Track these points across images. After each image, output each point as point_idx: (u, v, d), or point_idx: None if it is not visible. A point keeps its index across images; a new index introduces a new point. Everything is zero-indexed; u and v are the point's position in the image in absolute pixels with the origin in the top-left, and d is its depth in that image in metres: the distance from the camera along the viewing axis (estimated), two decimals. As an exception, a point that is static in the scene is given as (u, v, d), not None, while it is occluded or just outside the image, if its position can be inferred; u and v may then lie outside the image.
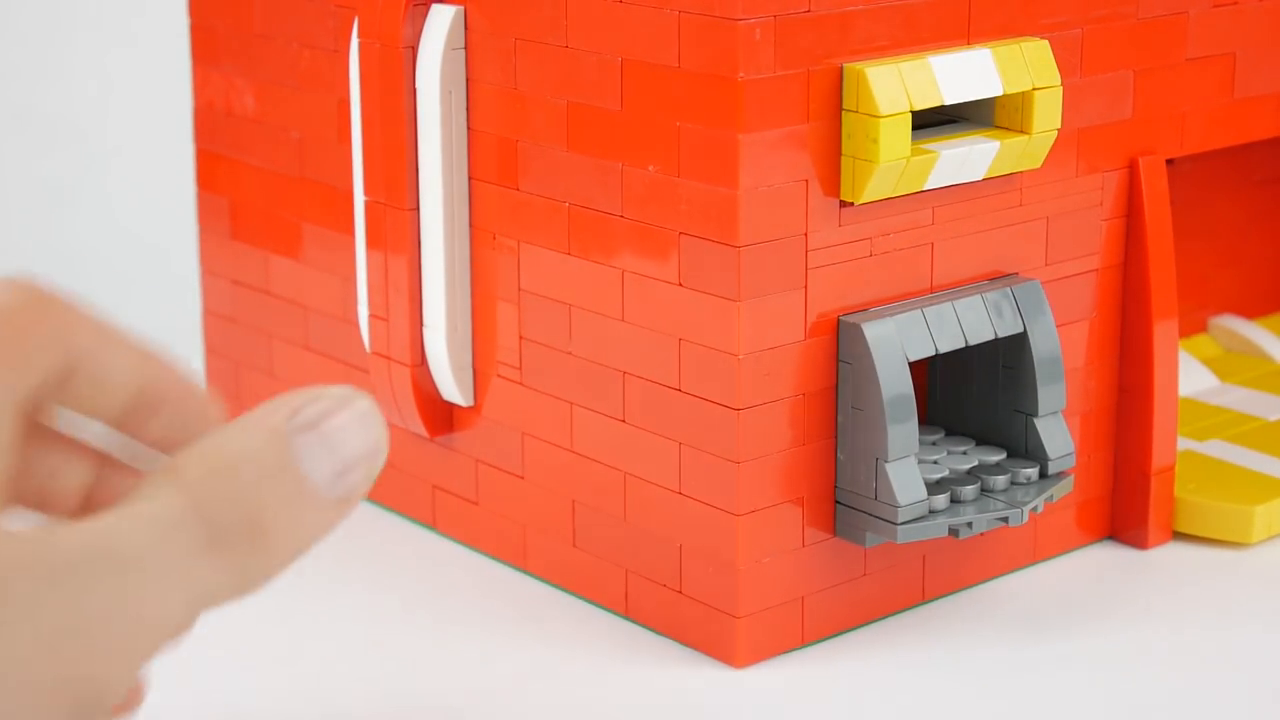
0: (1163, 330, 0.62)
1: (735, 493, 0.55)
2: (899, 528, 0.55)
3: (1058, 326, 0.60)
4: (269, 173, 0.68)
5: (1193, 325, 0.76)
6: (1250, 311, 0.78)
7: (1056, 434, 0.59)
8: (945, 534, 0.56)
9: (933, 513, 0.56)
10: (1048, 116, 0.57)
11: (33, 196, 1.16)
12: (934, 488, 0.57)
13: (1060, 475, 0.59)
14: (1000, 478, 0.58)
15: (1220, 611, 0.60)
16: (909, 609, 0.60)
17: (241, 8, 0.69)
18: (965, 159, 0.56)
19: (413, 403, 0.62)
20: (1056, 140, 0.59)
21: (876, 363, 0.55)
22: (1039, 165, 0.58)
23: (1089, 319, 0.62)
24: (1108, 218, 0.61)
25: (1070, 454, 0.59)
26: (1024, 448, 0.59)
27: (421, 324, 0.62)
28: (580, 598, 0.61)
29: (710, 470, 0.55)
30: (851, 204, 0.55)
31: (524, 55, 0.58)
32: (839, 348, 0.56)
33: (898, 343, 0.55)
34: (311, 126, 0.66)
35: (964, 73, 0.55)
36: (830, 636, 0.58)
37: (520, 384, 0.60)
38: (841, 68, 0.54)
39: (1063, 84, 0.58)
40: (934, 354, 0.56)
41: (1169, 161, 0.64)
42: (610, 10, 0.55)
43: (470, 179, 0.60)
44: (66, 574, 0.35)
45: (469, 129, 0.60)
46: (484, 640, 0.58)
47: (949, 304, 0.57)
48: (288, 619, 0.59)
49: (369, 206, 0.61)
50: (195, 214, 0.73)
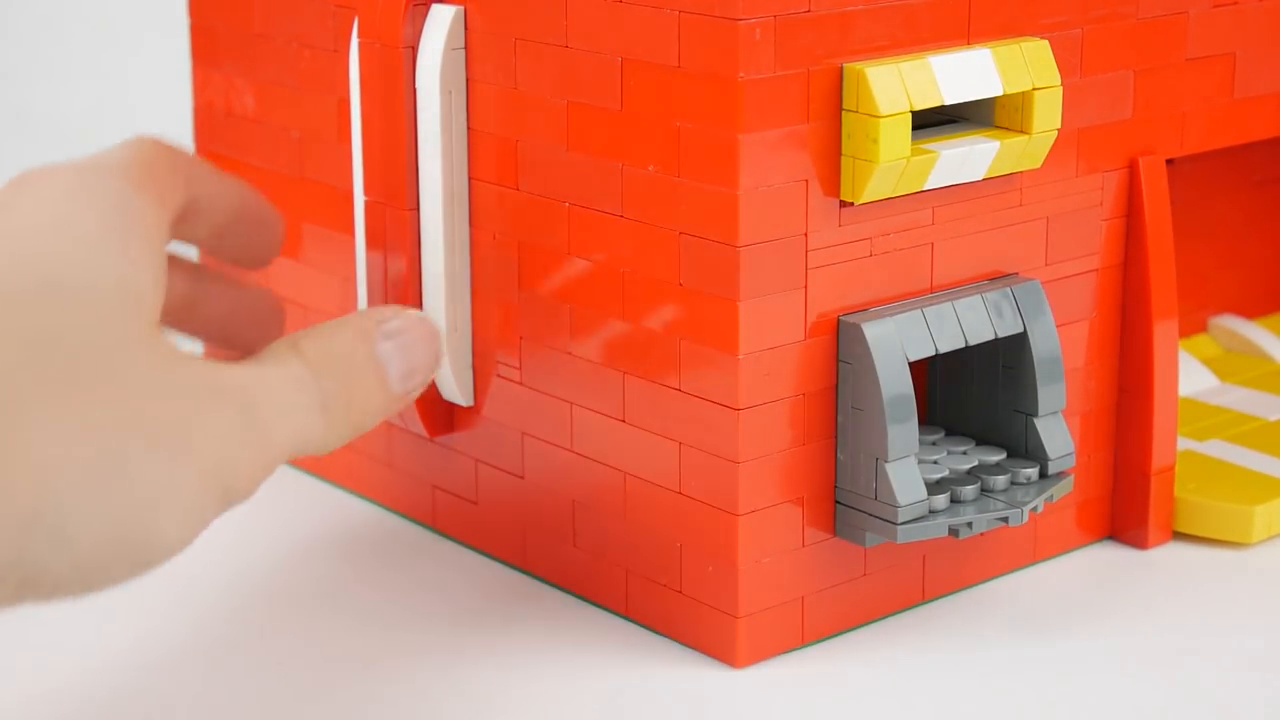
0: (1163, 330, 0.62)
1: (735, 493, 0.55)
2: (899, 528, 0.55)
3: (1058, 326, 0.60)
4: (269, 173, 0.68)
5: (1193, 325, 0.76)
6: (1250, 311, 0.78)
7: (1056, 434, 0.59)
8: (945, 534, 0.56)
9: (933, 513, 0.56)
10: (1048, 116, 0.57)
11: (33, 196, 1.15)
12: (934, 488, 0.57)
13: (1060, 475, 0.59)
14: (1000, 478, 0.58)
15: (1220, 611, 0.60)
16: (909, 609, 0.60)
17: (241, 8, 0.69)
18: (965, 159, 0.56)
19: (413, 403, 0.62)
20: (1056, 140, 0.59)
21: (876, 363, 0.55)
22: (1039, 165, 0.58)
23: (1089, 319, 0.62)
24: (1108, 218, 0.61)
25: (1070, 454, 0.59)
26: (1024, 448, 0.59)
27: None
28: (580, 598, 0.61)
29: (710, 470, 0.55)
30: (851, 204, 0.55)
31: (524, 55, 0.58)
32: (839, 348, 0.56)
33: (898, 343, 0.55)
34: (311, 126, 0.66)
35: (964, 73, 0.55)
36: (830, 636, 0.58)
37: (520, 384, 0.60)
38: (841, 68, 0.54)
39: (1063, 84, 0.58)
40: (934, 354, 0.56)
41: (1169, 161, 0.64)
42: (610, 10, 0.55)
43: (470, 179, 0.60)
44: (223, 398, 0.45)
45: (469, 129, 0.60)
46: (484, 640, 0.58)
47: (949, 304, 0.57)
48: (287, 619, 0.59)
49: (369, 206, 0.61)
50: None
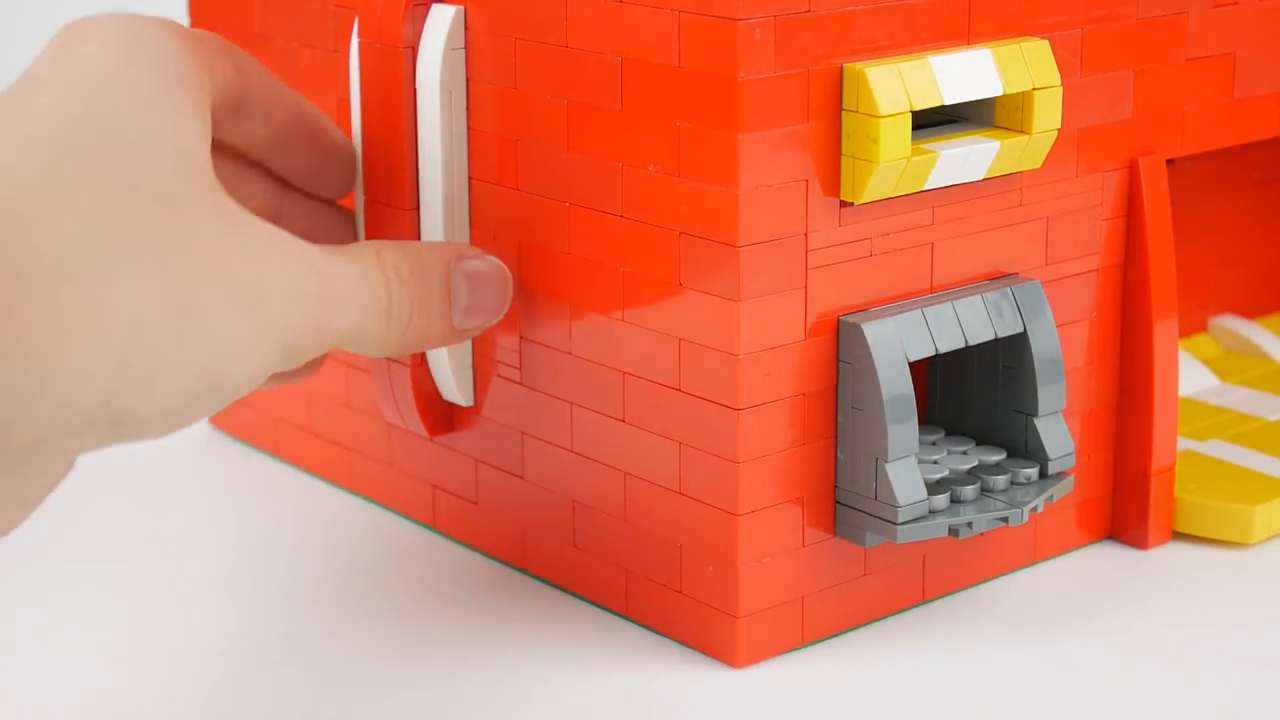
0: (1163, 330, 0.62)
1: (735, 493, 0.55)
2: (899, 528, 0.55)
3: (1058, 326, 0.60)
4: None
5: (1193, 325, 0.76)
6: (1250, 311, 0.78)
7: (1056, 434, 0.59)
8: (945, 534, 0.56)
9: (933, 513, 0.56)
10: (1048, 116, 0.57)
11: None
12: (934, 488, 0.57)
13: (1060, 475, 0.59)
14: (1000, 478, 0.58)
15: (1220, 611, 0.60)
16: (909, 609, 0.60)
17: (241, 8, 0.69)
18: (965, 159, 0.56)
19: (413, 403, 0.62)
20: (1056, 140, 0.59)
21: (876, 363, 0.55)
22: (1039, 165, 0.58)
23: (1089, 319, 0.62)
24: (1108, 218, 0.62)
25: (1070, 454, 0.59)
26: (1024, 448, 0.59)
27: None
28: (580, 598, 0.61)
29: (710, 470, 0.55)
30: (851, 204, 0.55)
31: (524, 55, 0.58)
32: (839, 348, 0.56)
33: (898, 343, 0.55)
34: (311, 126, 0.66)
35: (964, 73, 0.55)
36: (830, 636, 0.58)
37: (520, 384, 0.60)
38: (841, 68, 0.54)
39: (1063, 84, 0.58)
40: (934, 354, 0.56)
41: (1169, 161, 0.64)
42: (610, 10, 0.55)
43: (470, 179, 0.60)
44: (299, 266, 0.49)
45: (469, 129, 0.60)
46: (484, 640, 0.58)
47: (949, 304, 0.57)
48: (287, 618, 0.59)
49: (368, 206, 0.61)
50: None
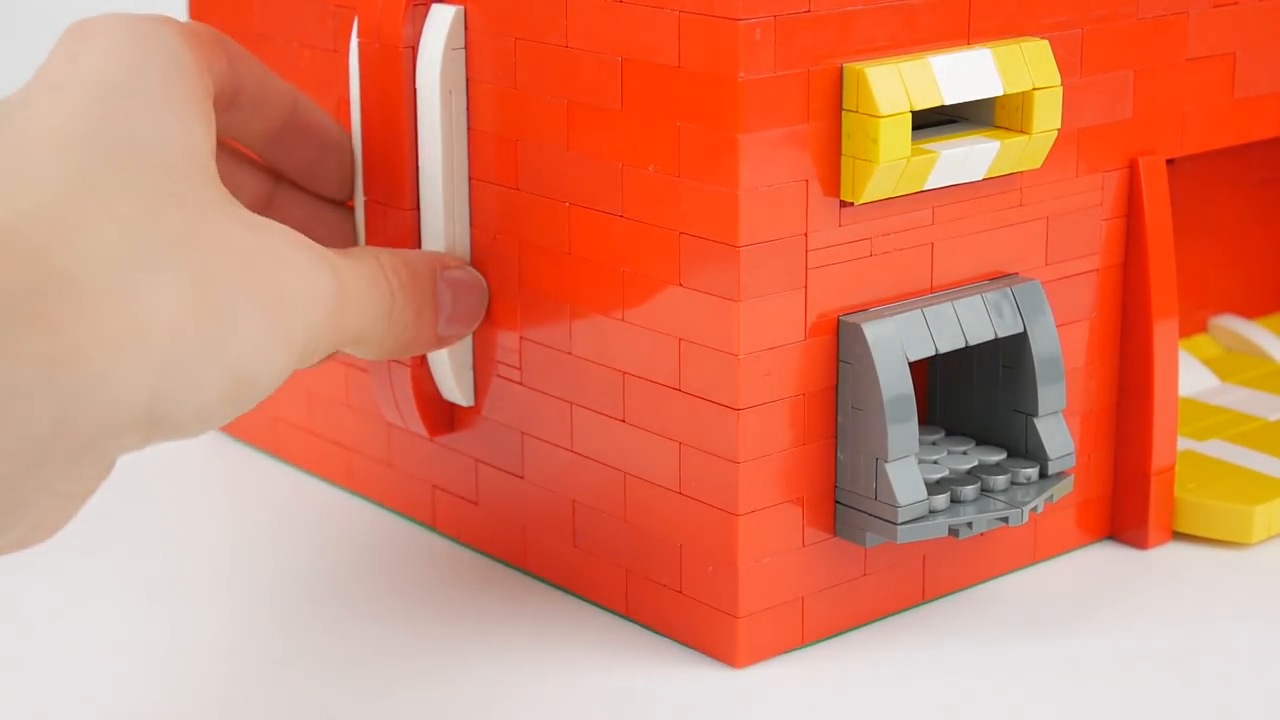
0: (1163, 330, 0.62)
1: (735, 493, 0.55)
2: (899, 528, 0.55)
3: (1058, 326, 0.60)
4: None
5: (1193, 325, 0.76)
6: (1250, 311, 0.78)
7: (1056, 434, 0.59)
8: (945, 534, 0.56)
9: (933, 513, 0.56)
10: (1048, 116, 0.57)
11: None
12: (934, 488, 0.57)
13: (1060, 475, 0.59)
14: (1000, 478, 0.58)
15: (1220, 611, 0.60)
16: (909, 609, 0.60)
17: (241, 8, 0.69)
18: (965, 159, 0.56)
19: (413, 403, 0.62)
20: (1056, 140, 0.59)
21: (876, 363, 0.55)
22: (1039, 165, 0.58)
23: (1089, 319, 0.62)
24: (1108, 218, 0.61)
25: (1070, 454, 0.59)
26: (1024, 448, 0.59)
27: None
28: (580, 598, 0.61)
29: (710, 470, 0.55)
30: (851, 204, 0.55)
31: (524, 55, 0.58)
32: (839, 348, 0.56)
33: (898, 343, 0.55)
34: (312, 126, 0.66)
35: (964, 73, 0.55)
36: (830, 636, 0.58)
37: (520, 384, 0.60)
38: (841, 68, 0.54)
39: (1063, 84, 0.58)
40: (934, 354, 0.56)
41: (1169, 161, 0.64)
42: (610, 10, 0.55)
43: (470, 179, 0.60)
44: (320, 268, 0.51)
45: (469, 129, 0.60)
46: (484, 640, 0.58)
47: (949, 304, 0.57)
48: (287, 618, 0.59)
49: (368, 206, 0.61)
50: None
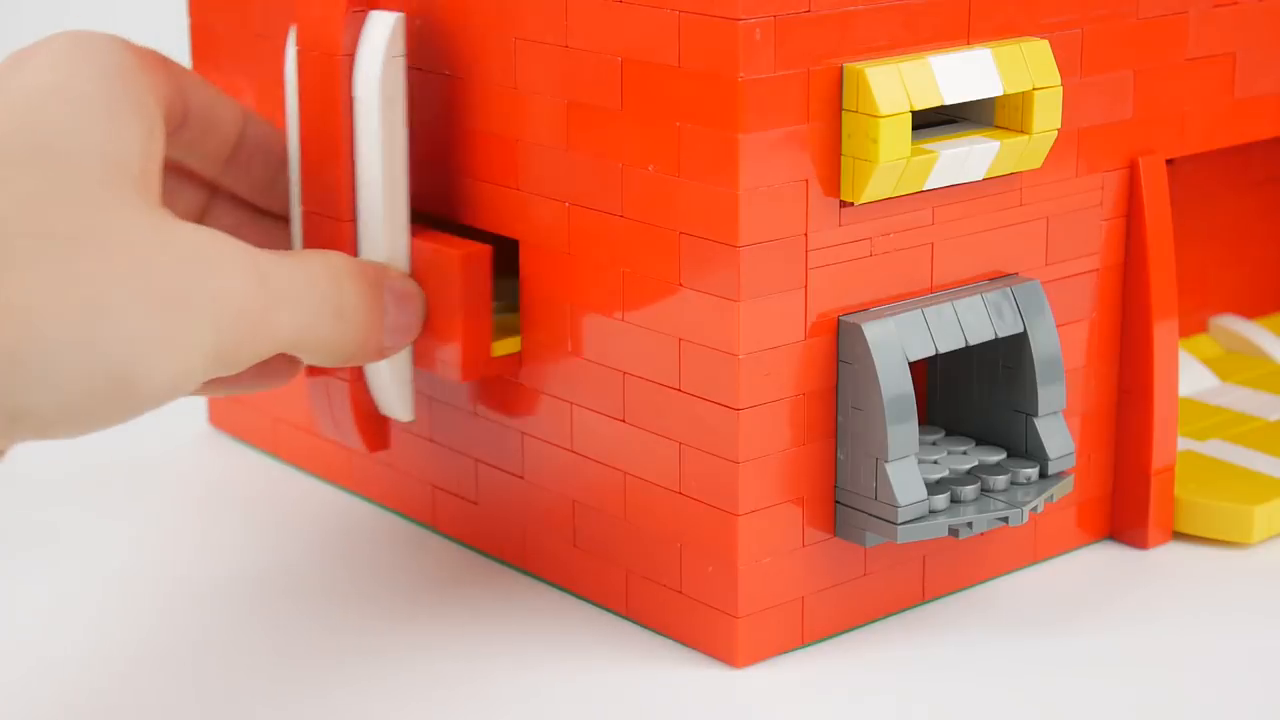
0: (1163, 330, 0.62)
1: (735, 493, 0.55)
2: (899, 528, 0.55)
3: (1058, 326, 0.60)
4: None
5: (1193, 325, 0.76)
6: (1250, 311, 0.78)
7: (1056, 434, 0.59)
8: (945, 534, 0.56)
9: (933, 513, 0.56)
10: (1048, 116, 0.57)
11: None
12: (934, 488, 0.57)
13: (1060, 475, 0.59)
14: (1000, 478, 0.58)
15: (1220, 611, 0.60)
16: (909, 609, 0.60)
17: (241, 8, 0.68)
18: (965, 159, 0.56)
19: (350, 418, 0.60)
20: (1056, 140, 0.59)
21: (876, 363, 0.55)
22: (1039, 165, 0.58)
23: (1089, 319, 0.62)
24: (1108, 218, 0.61)
25: (1070, 454, 0.59)
26: (1024, 448, 0.59)
27: None
28: (580, 598, 0.61)
29: (710, 470, 0.55)
30: (851, 204, 0.55)
31: (524, 55, 0.58)
32: (839, 348, 0.56)
33: (898, 343, 0.55)
34: (311, 126, 0.66)
35: (964, 73, 0.55)
36: (830, 636, 0.58)
37: (520, 384, 0.60)
38: (841, 68, 0.54)
39: (1063, 84, 0.58)
40: (934, 354, 0.56)
41: (1169, 161, 0.64)
42: (610, 10, 0.55)
43: (470, 179, 0.60)
44: (230, 266, 0.51)
45: (469, 129, 0.60)
46: (484, 640, 0.58)
47: (949, 304, 0.57)
48: (287, 618, 0.59)
49: (306, 217, 0.59)
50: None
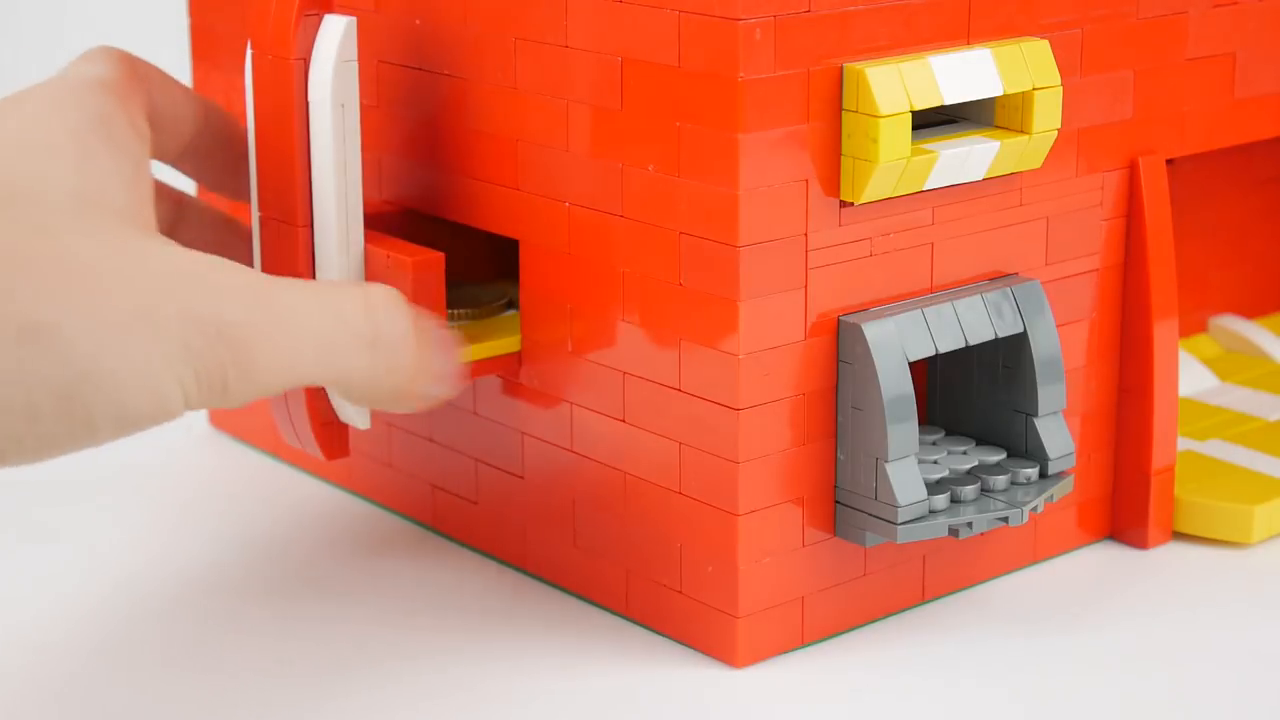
0: (1163, 330, 0.62)
1: (735, 493, 0.55)
2: (899, 528, 0.55)
3: (1058, 326, 0.60)
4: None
5: (1193, 325, 0.76)
6: (1250, 311, 0.78)
7: (1056, 434, 0.59)
8: (945, 534, 0.56)
9: (933, 513, 0.56)
10: (1048, 116, 0.57)
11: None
12: (934, 488, 0.57)
13: (1060, 475, 0.59)
14: (1000, 478, 0.58)
15: (1220, 611, 0.60)
16: (909, 609, 0.60)
17: (241, 8, 0.68)
18: (965, 159, 0.56)
19: (309, 425, 0.59)
20: (1056, 140, 0.59)
21: (876, 363, 0.55)
22: (1039, 165, 0.58)
23: (1089, 319, 0.62)
24: (1108, 218, 0.62)
25: (1070, 454, 0.59)
26: (1024, 448, 0.59)
27: None
28: (580, 598, 0.61)
29: (710, 470, 0.55)
30: (851, 204, 0.55)
31: (524, 55, 0.58)
32: (839, 348, 0.56)
33: (898, 343, 0.55)
34: (311, 126, 0.66)
35: (964, 73, 0.55)
36: (830, 636, 0.58)
37: (520, 384, 0.60)
38: (841, 68, 0.54)
39: (1063, 84, 0.58)
40: (934, 354, 0.56)
41: (1169, 161, 0.64)
42: (610, 10, 0.55)
43: (470, 179, 0.60)
44: (234, 299, 0.49)
45: (469, 129, 0.60)
46: (484, 640, 0.58)
47: (949, 304, 0.57)
48: (287, 618, 0.59)
49: (263, 223, 0.59)
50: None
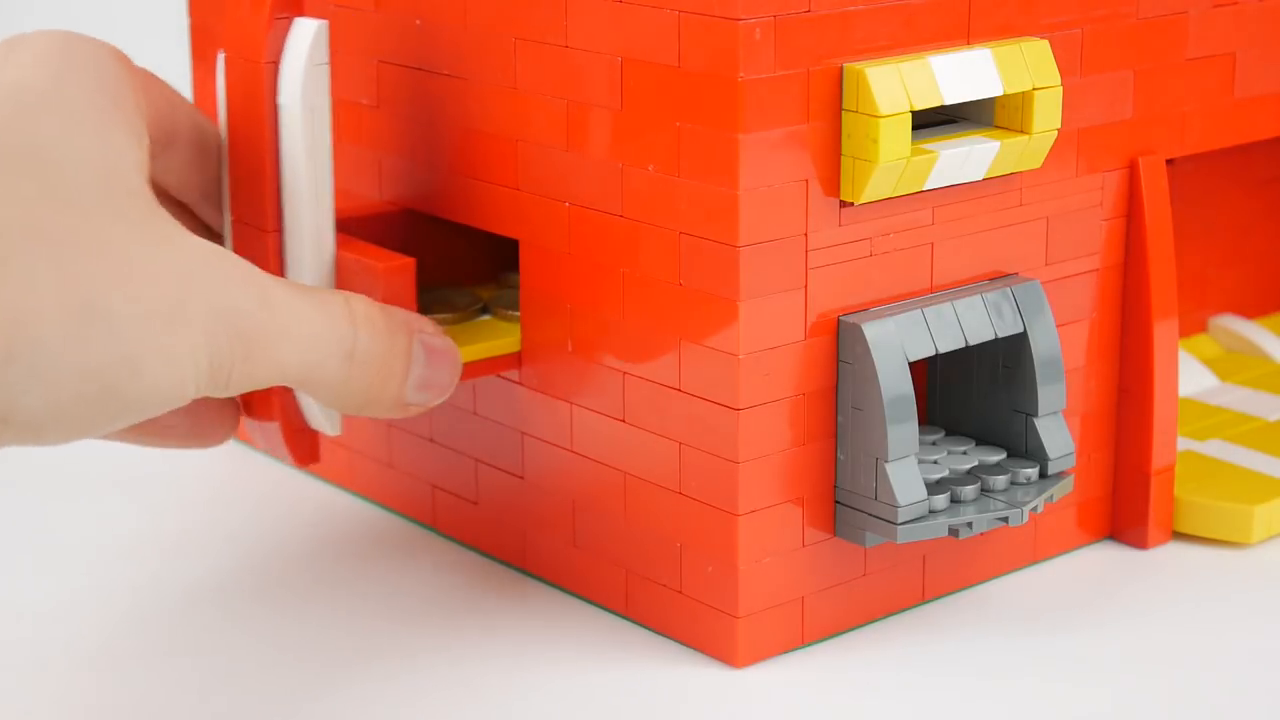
0: (1163, 330, 0.62)
1: (735, 493, 0.55)
2: (899, 528, 0.55)
3: (1058, 326, 0.60)
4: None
5: (1193, 325, 0.76)
6: (1250, 311, 0.78)
7: (1056, 434, 0.59)
8: (945, 534, 0.56)
9: (933, 513, 0.56)
10: (1048, 116, 0.57)
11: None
12: (934, 488, 0.57)
13: (1060, 475, 0.59)
14: (1000, 478, 0.58)
15: (1220, 611, 0.60)
16: (909, 609, 0.60)
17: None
18: (965, 159, 0.56)
19: (279, 432, 0.59)
20: (1056, 140, 0.59)
21: (876, 363, 0.55)
22: (1039, 165, 0.58)
23: (1089, 319, 0.62)
24: (1108, 218, 0.62)
25: (1070, 454, 0.59)
26: (1024, 448, 0.59)
27: None
28: (580, 598, 0.61)
29: (710, 470, 0.55)
30: (851, 204, 0.55)
31: (524, 55, 0.58)
32: (839, 348, 0.56)
33: (898, 343, 0.55)
34: (311, 126, 0.66)
35: (964, 73, 0.55)
36: (830, 636, 0.58)
37: (520, 384, 0.60)
38: (841, 68, 0.54)
39: (1063, 84, 0.58)
40: (934, 354, 0.56)
41: (1169, 161, 0.64)
42: (610, 10, 0.55)
43: (470, 179, 0.60)
44: (233, 286, 0.50)
45: (469, 129, 0.60)
46: (484, 640, 0.58)
47: (949, 304, 0.57)
48: (287, 618, 0.59)
49: (235, 227, 0.59)
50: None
